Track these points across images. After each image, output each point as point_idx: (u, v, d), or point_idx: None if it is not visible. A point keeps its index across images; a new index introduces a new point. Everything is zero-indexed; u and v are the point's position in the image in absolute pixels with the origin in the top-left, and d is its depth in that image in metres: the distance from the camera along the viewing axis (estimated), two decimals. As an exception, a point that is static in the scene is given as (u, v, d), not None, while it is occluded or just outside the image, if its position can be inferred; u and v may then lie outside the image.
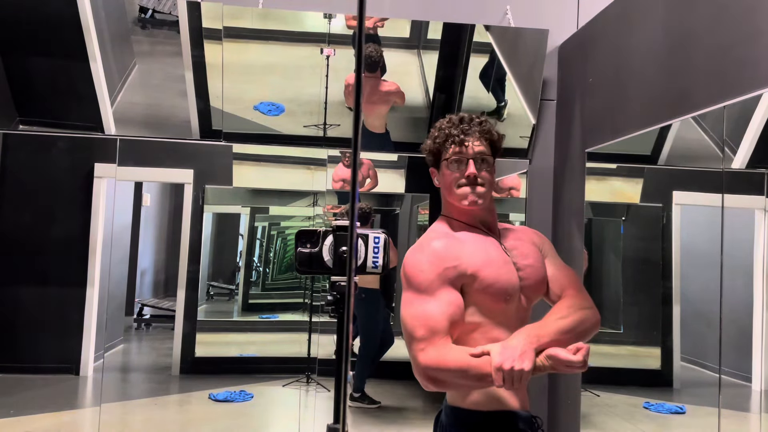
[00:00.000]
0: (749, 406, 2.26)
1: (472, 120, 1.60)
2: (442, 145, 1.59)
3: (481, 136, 1.58)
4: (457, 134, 1.57)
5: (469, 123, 1.59)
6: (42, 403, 4.29)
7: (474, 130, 1.58)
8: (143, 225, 6.27)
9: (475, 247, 1.54)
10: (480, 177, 1.56)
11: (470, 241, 1.55)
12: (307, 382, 4.15)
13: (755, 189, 2.11)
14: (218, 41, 3.09)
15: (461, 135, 1.57)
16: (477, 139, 1.57)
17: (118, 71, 3.36)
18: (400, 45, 3.30)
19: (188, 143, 3.74)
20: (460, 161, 1.57)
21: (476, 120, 1.60)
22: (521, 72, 3.23)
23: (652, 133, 2.40)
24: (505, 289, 1.52)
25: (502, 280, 1.52)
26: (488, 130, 1.59)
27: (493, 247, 1.57)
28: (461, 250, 1.52)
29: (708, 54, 1.98)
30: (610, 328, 3.09)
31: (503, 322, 1.53)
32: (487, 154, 1.58)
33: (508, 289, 1.52)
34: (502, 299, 1.52)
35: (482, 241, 1.56)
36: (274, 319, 5.25)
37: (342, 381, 0.87)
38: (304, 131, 3.28)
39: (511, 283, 1.53)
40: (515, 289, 1.54)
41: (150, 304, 6.41)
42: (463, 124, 1.59)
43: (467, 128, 1.58)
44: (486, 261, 1.52)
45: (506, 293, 1.52)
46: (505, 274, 1.53)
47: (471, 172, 1.55)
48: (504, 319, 1.53)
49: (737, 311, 2.18)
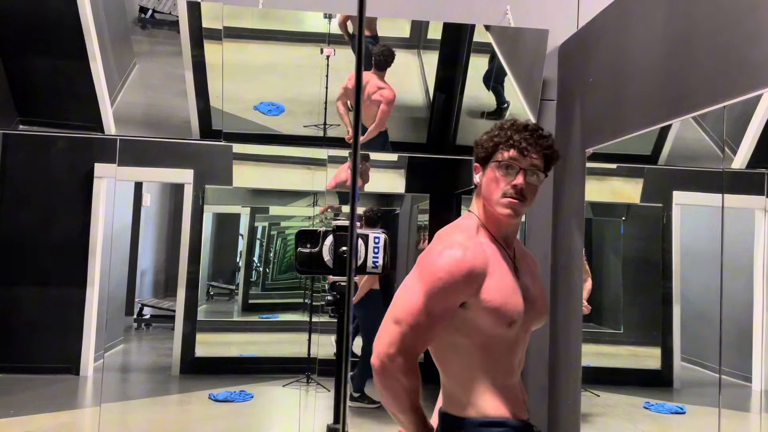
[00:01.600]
0: (749, 406, 2.26)
1: (536, 130, 1.52)
2: (500, 145, 1.51)
3: (541, 150, 1.50)
4: (519, 140, 1.49)
5: (533, 133, 1.51)
6: (42, 403, 4.28)
7: (537, 141, 1.50)
8: (143, 225, 6.26)
9: (495, 266, 1.48)
10: (526, 191, 1.48)
11: (493, 258, 1.49)
12: (307, 382, 4.15)
13: (755, 189, 2.11)
14: (218, 41, 3.08)
15: (523, 143, 1.49)
16: (536, 152, 1.49)
17: (118, 71, 3.36)
18: (400, 45, 3.30)
19: (188, 143, 3.74)
20: (512, 168, 1.49)
21: (541, 132, 1.53)
22: (521, 72, 3.23)
23: (652, 133, 2.40)
24: (510, 314, 1.46)
25: (510, 305, 1.46)
26: (550, 146, 1.52)
27: (508, 269, 1.51)
28: (486, 263, 1.46)
29: (708, 54, 1.98)
30: (610, 328, 3.09)
31: (503, 344, 1.49)
32: (541, 169, 1.50)
33: (513, 315, 1.46)
34: (506, 324, 1.46)
35: (501, 261, 1.51)
36: (274, 319, 5.25)
37: (342, 381, 0.87)
38: (304, 131, 3.28)
39: (518, 309, 1.48)
40: (520, 316, 1.48)
41: (150, 304, 6.40)
42: (527, 131, 1.51)
43: (530, 137, 1.50)
44: (499, 284, 1.46)
45: (510, 319, 1.46)
46: (514, 300, 1.48)
47: (519, 183, 1.47)
48: (505, 342, 1.49)
49: (737, 311, 2.18)
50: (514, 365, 1.54)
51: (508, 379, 1.52)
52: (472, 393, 1.50)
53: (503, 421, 1.49)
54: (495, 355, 1.49)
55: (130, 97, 3.34)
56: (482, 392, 1.49)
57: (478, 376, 1.49)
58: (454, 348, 1.49)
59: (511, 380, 1.52)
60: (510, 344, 1.51)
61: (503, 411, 1.49)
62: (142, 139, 3.40)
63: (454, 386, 1.52)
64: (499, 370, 1.50)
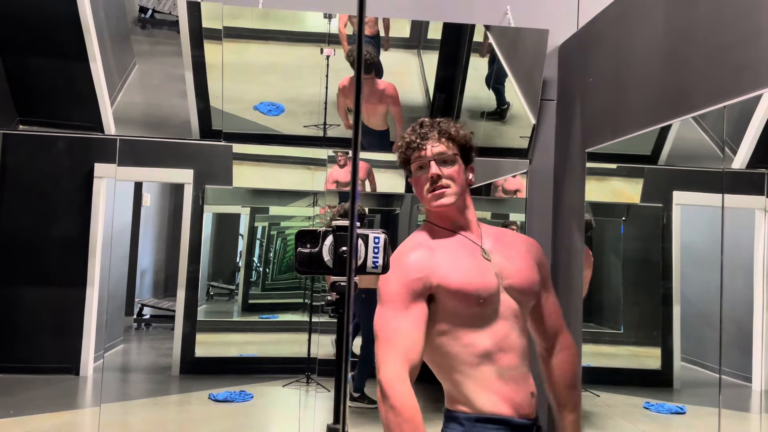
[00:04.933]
0: (749, 406, 2.26)
1: (432, 123, 1.61)
2: (404, 153, 1.61)
3: (441, 137, 1.58)
4: (415, 139, 1.59)
5: (430, 126, 1.60)
6: (42, 403, 4.29)
7: (433, 132, 1.59)
8: (143, 225, 6.27)
9: (445, 254, 1.54)
10: (444, 177, 1.56)
11: (442, 248, 1.56)
12: (307, 382, 4.15)
13: (755, 189, 2.11)
14: (218, 41, 3.08)
15: (419, 139, 1.58)
16: (437, 141, 1.58)
17: (118, 71, 3.36)
18: (400, 45, 3.30)
19: (188, 143, 3.74)
20: (423, 165, 1.58)
21: (437, 121, 1.62)
22: (521, 72, 3.23)
23: (652, 133, 2.40)
24: (476, 292, 1.50)
25: (473, 284, 1.50)
26: (445, 129, 1.60)
27: (466, 251, 1.57)
28: (430, 260, 1.52)
29: (708, 54, 1.98)
30: (610, 328, 3.09)
31: (479, 325, 1.51)
32: (449, 153, 1.58)
33: (480, 293, 1.50)
34: (475, 303, 1.50)
35: (455, 246, 1.57)
36: (274, 319, 5.25)
37: (342, 381, 0.87)
38: (304, 131, 3.28)
39: (485, 286, 1.52)
40: (490, 293, 1.52)
41: (150, 304, 6.41)
42: (423, 128, 1.60)
43: (425, 132, 1.59)
44: (453, 266, 1.52)
45: (478, 297, 1.50)
46: (477, 277, 1.52)
47: (433, 173, 1.56)
48: (481, 323, 1.52)
49: (737, 311, 2.18)
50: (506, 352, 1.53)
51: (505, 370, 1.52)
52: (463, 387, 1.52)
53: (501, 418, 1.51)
54: (479, 343, 1.51)
55: (130, 97, 3.34)
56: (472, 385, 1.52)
57: (465, 369, 1.52)
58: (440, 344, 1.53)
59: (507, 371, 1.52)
60: (493, 328, 1.52)
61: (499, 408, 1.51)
62: (142, 139, 3.40)
63: (444, 380, 1.56)
64: (488, 358, 1.51)
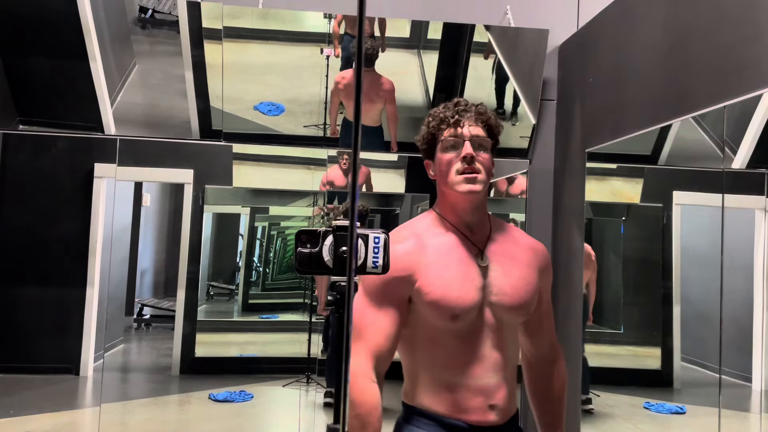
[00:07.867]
0: (749, 406, 2.25)
1: (468, 103, 1.52)
2: (436, 129, 1.49)
3: (478, 119, 1.48)
4: (452, 116, 1.48)
5: (465, 105, 1.50)
6: (42, 403, 4.29)
7: (470, 113, 1.49)
8: (143, 225, 6.27)
9: (435, 256, 1.43)
10: (477, 160, 1.44)
11: (435, 248, 1.44)
12: (307, 382, 4.15)
13: (755, 189, 2.11)
14: (218, 41, 3.08)
15: (456, 116, 1.48)
16: (474, 122, 1.47)
17: (118, 71, 3.36)
18: (400, 45, 3.30)
19: (188, 143, 3.74)
20: (457, 144, 1.46)
21: (471, 103, 1.52)
22: (521, 72, 3.23)
23: (652, 133, 2.39)
24: (450, 307, 1.39)
25: (450, 298, 1.39)
26: (485, 112, 1.50)
27: (459, 257, 1.44)
28: (418, 258, 1.42)
29: (708, 54, 1.98)
30: (610, 328, 3.09)
31: (449, 335, 1.42)
32: (485, 138, 1.48)
33: (454, 308, 1.39)
34: (448, 317, 1.39)
35: (450, 248, 1.45)
36: (274, 319, 5.25)
37: (342, 381, 0.87)
38: (304, 131, 3.28)
39: (462, 301, 1.39)
40: (467, 309, 1.40)
41: (150, 305, 6.40)
42: (458, 106, 1.50)
43: (462, 110, 1.49)
44: (438, 274, 1.41)
45: (452, 312, 1.39)
46: (457, 291, 1.40)
47: (468, 153, 1.43)
48: (451, 333, 1.42)
49: (737, 311, 2.18)
50: (470, 362, 1.43)
51: (461, 378, 1.42)
52: (417, 384, 1.47)
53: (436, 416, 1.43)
54: (443, 350, 1.43)
55: (130, 97, 3.34)
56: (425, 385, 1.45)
57: (423, 369, 1.46)
58: (404, 339, 1.46)
59: (464, 379, 1.42)
60: (463, 339, 1.42)
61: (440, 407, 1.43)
62: (142, 139, 3.40)
63: (406, 375, 1.51)
64: (448, 366, 1.43)
